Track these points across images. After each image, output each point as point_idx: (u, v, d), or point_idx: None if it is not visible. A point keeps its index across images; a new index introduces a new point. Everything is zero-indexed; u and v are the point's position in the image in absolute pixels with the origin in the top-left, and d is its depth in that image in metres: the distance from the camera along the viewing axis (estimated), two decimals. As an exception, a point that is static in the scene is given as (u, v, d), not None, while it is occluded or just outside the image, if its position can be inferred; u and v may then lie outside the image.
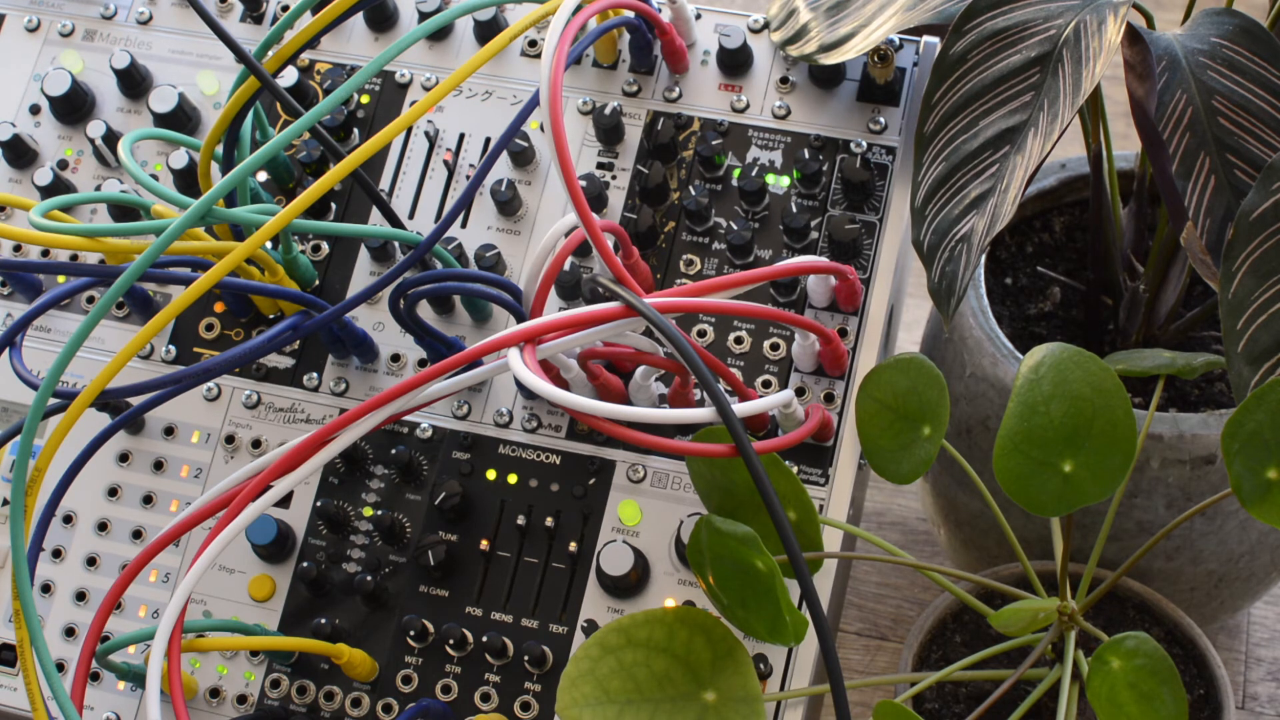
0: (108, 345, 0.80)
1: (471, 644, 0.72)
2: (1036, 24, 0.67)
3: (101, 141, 0.82)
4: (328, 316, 0.71)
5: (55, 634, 0.76)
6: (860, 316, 0.75)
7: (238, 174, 0.64)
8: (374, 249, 0.78)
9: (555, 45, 0.63)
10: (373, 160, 0.80)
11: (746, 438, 0.60)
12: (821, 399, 0.73)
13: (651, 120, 0.79)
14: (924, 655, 0.78)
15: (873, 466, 0.69)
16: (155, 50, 0.85)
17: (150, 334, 0.62)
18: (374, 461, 0.76)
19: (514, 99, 0.80)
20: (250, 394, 0.78)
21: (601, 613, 0.72)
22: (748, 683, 0.63)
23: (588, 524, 0.73)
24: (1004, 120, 0.66)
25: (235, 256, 0.63)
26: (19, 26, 0.86)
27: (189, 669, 0.75)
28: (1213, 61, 0.68)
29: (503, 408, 0.76)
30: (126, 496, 0.78)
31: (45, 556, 0.77)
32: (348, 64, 0.82)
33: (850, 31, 0.73)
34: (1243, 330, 0.64)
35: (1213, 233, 0.67)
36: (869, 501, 1.10)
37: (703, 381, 0.61)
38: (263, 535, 0.74)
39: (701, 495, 0.69)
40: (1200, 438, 0.77)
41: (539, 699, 0.71)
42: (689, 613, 0.64)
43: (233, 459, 0.77)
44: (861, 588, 1.07)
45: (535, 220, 0.78)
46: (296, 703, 0.73)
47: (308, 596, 0.74)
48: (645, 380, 0.72)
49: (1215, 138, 0.68)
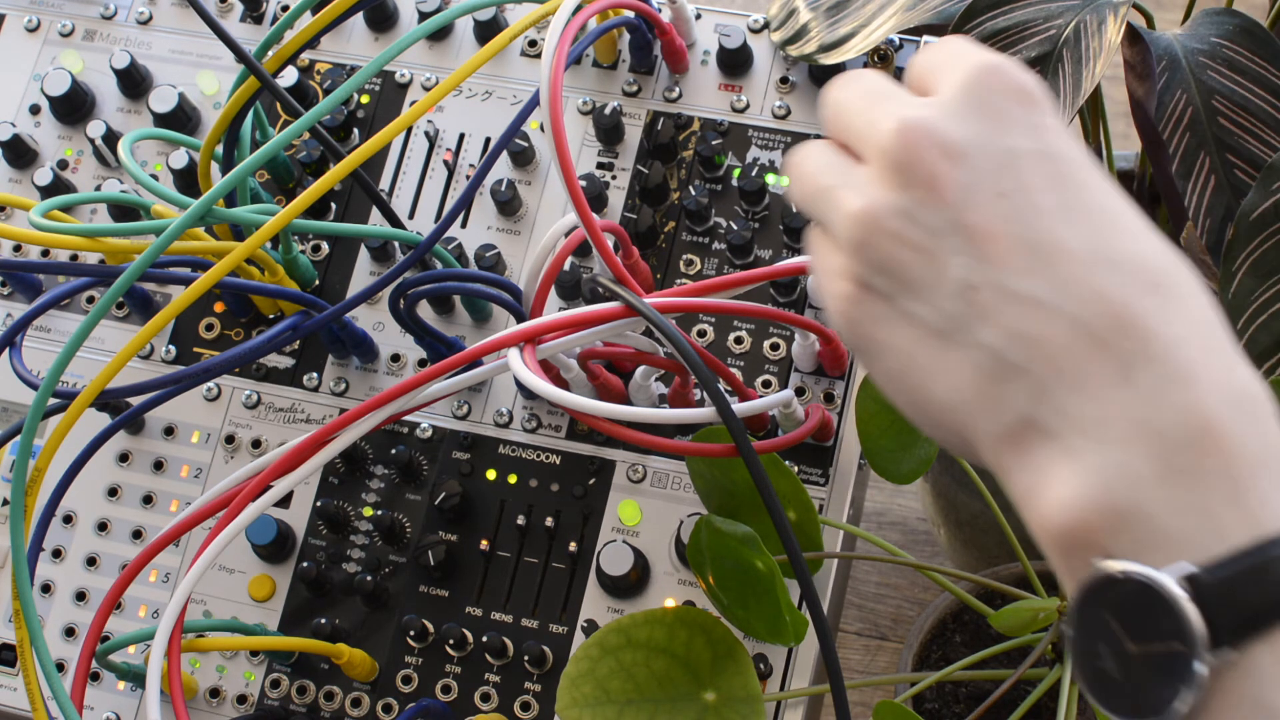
0: (108, 345, 0.80)
1: (471, 644, 0.72)
2: (1036, 24, 0.67)
3: (101, 141, 0.82)
4: (328, 316, 0.71)
5: (55, 634, 0.76)
6: (860, 316, 0.74)
7: (238, 174, 0.64)
8: (374, 249, 0.78)
9: (555, 45, 0.63)
10: (373, 160, 0.80)
11: (746, 438, 0.60)
12: (821, 399, 0.73)
13: (651, 120, 0.79)
14: (924, 655, 0.78)
15: (873, 466, 0.69)
16: (155, 50, 0.85)
17: (150, 334, 0.62)
18: (374, 461, 0.76)
19: (514, 99, 0.80)
20: (250, 394, 0.78)
21: (601, 613, 0.72)
22: (748, 683, 0.62)
23: (588, 524, 0.73)
24: (1004, 120, 0.66)
25: (235, 256, 0.63)
26: (19, 26, 0.86)
27: (189, 669, 0.75)
28: (1213, 61, 0.68)
29: (503, 408, 0.76)
30: (126, 496, 0.78)
31: (45, 556, 0.77)
32: (348, 64, 0.82)
33: (850, 31, 0.73)
34: (1243, 330, 0.64)
35: (1213, 233, 0.67)
36: (869, 501, 1.10)
37: (703, 381, 0.61)
38: (263, 535, 0.74)
39: (701, 495, 0.69)
40: (1200, 438, 0.77)
41: (539, 699, 0.71)
42: (689, 613, 0.64)
43: (233, 459, 0.77)
44: (861, 588, 1.07)
45: (535, 220, 0.78)
46: (296, 703, 0.73)
47: (308, 596, 0.74)
48: (645, 380, 0.72)
49: (1215, 138, 0.68)
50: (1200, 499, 0.44)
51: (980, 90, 0.50)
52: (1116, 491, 0.45)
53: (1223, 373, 0.46)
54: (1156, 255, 0.47)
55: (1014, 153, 0.49)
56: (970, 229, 0.48)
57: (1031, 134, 0.50)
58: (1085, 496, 0.45)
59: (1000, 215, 0.48)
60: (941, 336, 0.49)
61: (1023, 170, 0.49)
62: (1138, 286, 0.46)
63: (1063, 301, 0.47)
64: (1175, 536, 0.44)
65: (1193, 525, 0.44)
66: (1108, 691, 0.45)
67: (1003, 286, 0.48)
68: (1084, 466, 0.45)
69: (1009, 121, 0.50)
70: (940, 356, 0.49)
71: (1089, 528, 0.45)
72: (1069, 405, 0.46)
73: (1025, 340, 0.47)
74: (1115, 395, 0.45)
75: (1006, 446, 0.48)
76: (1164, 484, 0.44)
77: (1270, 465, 0.45)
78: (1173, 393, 0.45)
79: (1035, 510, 0.47)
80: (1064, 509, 0.45)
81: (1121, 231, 0.48)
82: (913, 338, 0.50)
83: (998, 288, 0.48)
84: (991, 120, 0.50)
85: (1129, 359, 0.45)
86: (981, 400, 0.48)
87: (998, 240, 0.48)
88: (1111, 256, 0.47)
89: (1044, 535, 0.47)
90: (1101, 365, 0.46)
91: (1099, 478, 0.45)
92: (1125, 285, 0.46)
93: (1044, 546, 0.47)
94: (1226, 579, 0.43)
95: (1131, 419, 0.45)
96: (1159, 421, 0.45)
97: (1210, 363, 0.46)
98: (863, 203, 0.50)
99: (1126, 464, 0.45)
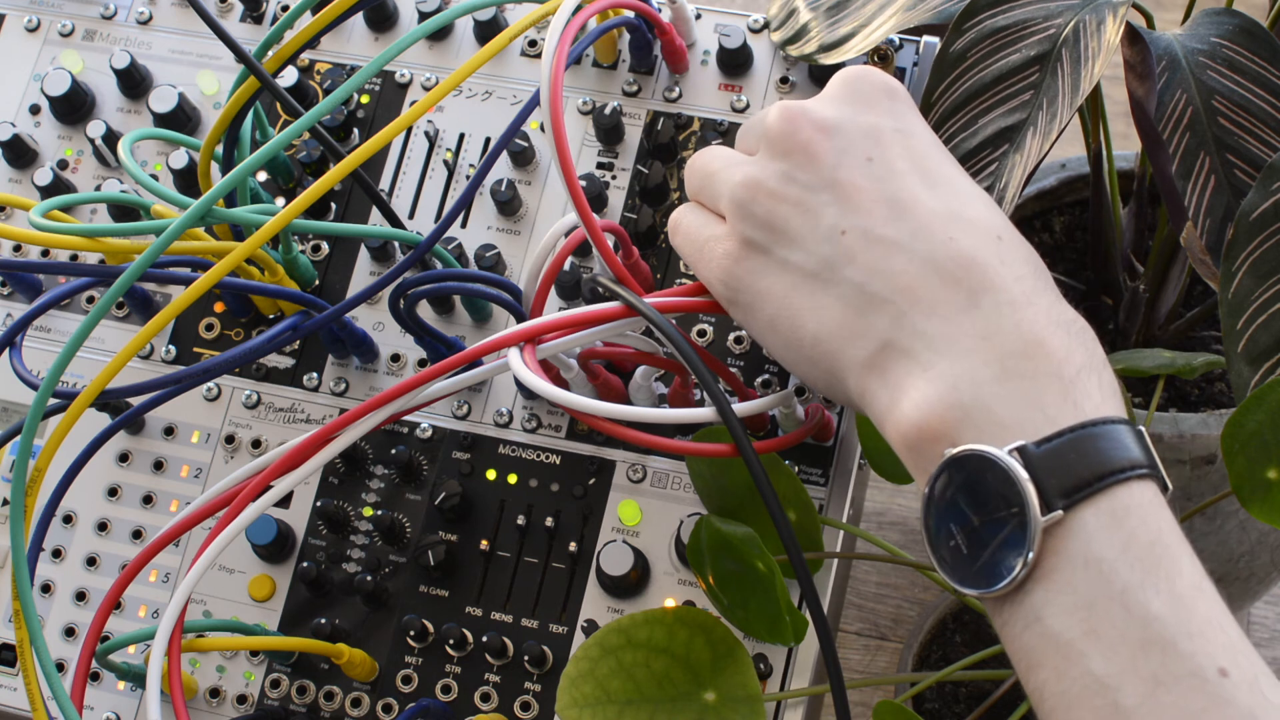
0: (108, 345, 0.80)
1: (471, 644, 0.72)
2: (1036, 23, 0.67)
3: (101, 141, 0.82)
4: (328, 316, 0.71)
5: (55, 634, 0.76)
6: (860, 316, 0.74)
7: (238, 174, 0.64)
8: (374, 249, 0.78)
9: (555, 45, 0.63)
10: (373, 160, 0.80)
11: (746, 437, 0.60)
12: (821, 399, 0.73)
13: (651, 120, 0.79)
14: (924, 655, 0.78)
15: (873, 466, 0.69)
16: (155, 50, 0.85)
17: (150, 334, 0.62)
18: (374, 461, 0.76)
19: (514, 99, 0.80)
20: (250, 394, 0.78)
21: (601, 613, 0.72)
22: (748, 683, 0.63)
23: (588, 524, 0.73)
24: (1003, 119, 0.66)
25: (235, 256, 0.63)
26: (19, 26, 0.86)
27: (189, 669, 0.75)
28: (1213, 61, 0.68)
29: (503, 408, 0.76)
30: (126, 496, 0.78)
31: (45, 556, 0.77)
32: (348, 64, 0.82)
33: (850, 31, 0.73)
34: (1243, 330, 0.64)
35: (1213, 233, 0.67)
36: (869, 501, 1.10)
37: (703, 381, 0.61)
38: (263, 535, 0.74)
39: (701, 495, 0.69)
40: (1200, 438, 0.77)
41: (539, 699, 0.71)
42: (689, 613, 0.64)
43: (233, 459, 0.77)
44: (861, 588, 1.07)
45: (535, 220, 0.78)
46: (296, 703, 0.73)
47: (308, 596, 0.74)
48: (645, 380, 0.72)
49: (1215, 138, 0.68)
50: (1033, 395, 0.51)
51: (850, 85, 0.59)
52: (961, 391, 0.52)
53: (1051, 304, 0.53)
54: (995, 217, 0.56)
55: (878, 128, 0.58)
56: (841, 185, 0.56)
57: (894, 117, 0.58)
58: (934, 397, 0.52)
59: (866, 175, 0.57)
60: (814, 278, 0.57)
61: (886, 142, 0.57)
62: (981, 237, 0.54)
63: (919, 245, 0.54)
64: (1011, 425, 0.51)
65: (1026, 415, 0.51)
66: (959, 568, 0.52)
67: (868, 231, 0.55)
68: (935, 374, 0.52)
69: (875, 106, 0.59)
70: (813, 296, 0.57)
71: (939, 422, 0.52)
72: (923, 326, 0.53)
73: (886, 275, 0.54)
74: (962, 319, 0.53)
75: (869, 371, 0.55)
76: (1002, 384, 0.51)
77: (1094, 370, 0.52)
78: (1010, 315, 0.52)
79: (892, 419, 0.54)
80: (917, 409, 0.52)
81: (968, 198, 0.56)
82: (789, 283, 0.57)
83: (864, 232, 0.56)
84: (860, 104, 0.58)
85: (974, 290, 0.53)
86: (849, 330, 0.55)
87: (864, 193, 0.56)
88: (960, 214, 0.55)
89: (900, 439, 0.53)
90: (951, 295, 0.53)
91: (947, 382, 0.52)
92: (972, 236, 0.54)
93: (901, 452, 0.54)
94: (1052, 450, 0.50)
95: (975, 335, 0.52)
96: (999, 337, 0.52)
97: (1041, 297, 0.53)
98: (748, 170, 0.59)
99: (970, 370, 0.52)
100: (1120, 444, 0.50)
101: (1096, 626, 0.47)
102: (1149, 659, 0.47)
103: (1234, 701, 0.46)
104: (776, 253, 0.58)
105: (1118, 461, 0.49)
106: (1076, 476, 0.49)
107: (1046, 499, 0.49)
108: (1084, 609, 0.48)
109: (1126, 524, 0.49)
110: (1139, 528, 0.49)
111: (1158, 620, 0.47)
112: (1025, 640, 0.50)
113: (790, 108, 0.58)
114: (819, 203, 0.57)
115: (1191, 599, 0.48)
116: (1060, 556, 0.49)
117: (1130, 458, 0.50)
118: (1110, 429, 0.50)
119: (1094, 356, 0.53)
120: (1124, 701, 0.46)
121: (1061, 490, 0.49)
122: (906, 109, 0.59)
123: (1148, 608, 0.47)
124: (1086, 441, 0.50)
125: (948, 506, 0.52)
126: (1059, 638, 0.48)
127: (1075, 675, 0.48)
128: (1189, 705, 0.46)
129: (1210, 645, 0.47)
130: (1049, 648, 0.49)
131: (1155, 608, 0.47)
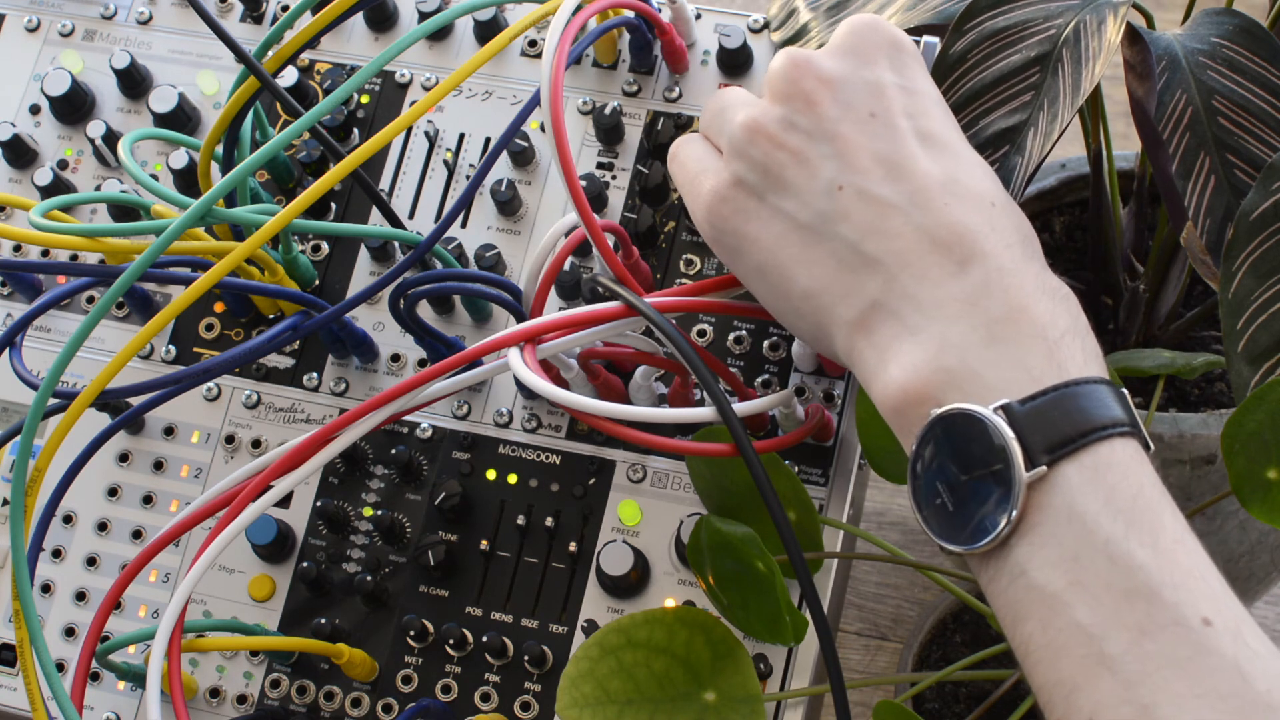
0: (108, 345, 0.80)
1: (471, 644, 0.72)
2: (1036, 24, 0.67)
3: (101, 141, 0.82)
4: (328, 316, 0.71)
5: (55, 634, 0.76)
6: (860, 316, 0.74)
7: (238, 174, 0.64)
8: (374, 249, 0.78)
9: (555, 45, 0.63)
10: (373, 160, 0.80)
11: (746, 437, 0.60)
12: (821, 399, 0.73)
13: (651, 120, 0.79)
14: (924, 655, 0.78)
15: (873, 466, 0.69)
16: (155, 50, 0.85)
17: (150, 334, 0.62)
18: (374, 461, 0.76)
19: (514, 99, 0.80)
20: (250, 394, 0.78)
21: (601, 613, 0.72)
22: (748, 683, 0.63)
23: (588, 524, 0.73)
24: (1003, 120, 0.66)
25: (235, 256, 0.63)
26: (19, 26, 0.86)
27: (189, 669, 0.75)
28: (1213, 61, 0.68)
29: (503, 408, 0.76)
30: (126, 496, 0.78)
31: (45, 556, 0.77)
32: (348, 64, 0.82)
33: (850, 31, 0.73)
34: (1243, 330, 0.64)
35: (1213, 233, 0.67)
36: (869, 501, 1.10)
37: (703, 381, 0.61)
38: (263, 535, 0.74)
39: (701, 495, 0.69)
40: (1200, 438, 0.77)
41: (539, 699, 0.71)
42: (689, 613, 0.64)
43: (233, 459, 0.77)
44: (861, 588, 1.07)
45: (535, 220, 0.78)
46: (296, 703, 0.73)
47: (308, 596, 0.74)
48: (645, 380, 0.72)
49: (1215, 138, 0.68)
50: (1018, 356, 0.52)
51: (856, 37, 0.59)
52: (948, 354, 0.53)
53: (1038, 273, 0.55)
54: (990, 183, 0.57)
55: (882, 83, 0.58)
56: (841, 139, 0.57)
57: (898, 72, 0.59)
58: (921, 361, 0.53)
59: (867, 132, 0.57)
60: (807, 230, 0.57)
61: (889, 98, 0.57)
62: (975, 204, 0.55)
63: (913, 211, 0.55)
64: (996, 385, 0.52)
65: (1011, 376, 0.52)
66: (946, 526, 0.53)
67: (865, 190, 0.56)
68: (923, 338, 0.53)
69: (879, 61, 0.59)
70: (805, 249, 0.57)
71: (926, 384, 0.53)
72: (913, 290, 0.54)
73: (880, 236, 0.55)
74: (951, 284, 0.54)
75: (858, 330, 0.56)
76: (988, 348, 0.52)
77: (1078, 335, 0.53)
78: (997, 282, 0.53)
79: (879, 380, 0.55)
80: (904, 372, 0.53)
81: (965, 163, 0.57)
82: (780, 232, 0.58)
83: (860, 190, 0.56)
84: (865, 59, 0.58)
85: (964, 258, 0.54)
86: (840, 287, 0.56)
87: (863, 152, 0.56)
88: (957, 180, 0.56)
89: (887, 401, 0.54)
90: (942, 261, 0.54)
91: (934, 345, 0.53)
92: (966, 203, 0.55)
93: (888, 414, 0.55)
94: (1036, 408, 0.51)
95: (963, 301, 0.53)
96: (986, 303, 0.53)
97: (1027, 267, 0.54)
98: (751, 112, 0.59)
99: (958, 334, 0.53)
100: (1103, 403, 0.51)
101: (1081, 578, 0.48)
102: (1133, 608, 0.47)
103: (1217, 649, 0.46)
104: (769, 199, 0.58)
105: (1100, 419, 0.50)
106: (1060, 433, 0.50)
107: (1030, 455, 0.50)
108: (1068, 561, 0.49)
109: (1108, 478, 0.50)
110: (1121, 482, 0.50)
111: (1141, 570, 0.48)
112: (1011, 594, 0.50)
113: (796, 55, 0.59)
114: (818, 154, 0.57)
115: (1173, 550, 0.49)
116: (1044, 511, 0.50)
117: (1112, 416, 0.51)
118: (1093, 388, 0.51)
119: (1077, 322, 0.54)
120: (1109, 650, 0.47)
121: (1045, 446, 0.50)
122: (912, 62, 0.60)
123: (1131, 558, 0.48)
124: (1070, 400, 0.51)
125: (934, 465, 0.53)
126: (1044, 590, 0.49)
127: (1060, 626, 0.48)
128: (1174, 653, 0.47)
129: (1193, 595, 0.48)
130: (1034, 600, 0.49)
131: (1139, 558, 0.48)
